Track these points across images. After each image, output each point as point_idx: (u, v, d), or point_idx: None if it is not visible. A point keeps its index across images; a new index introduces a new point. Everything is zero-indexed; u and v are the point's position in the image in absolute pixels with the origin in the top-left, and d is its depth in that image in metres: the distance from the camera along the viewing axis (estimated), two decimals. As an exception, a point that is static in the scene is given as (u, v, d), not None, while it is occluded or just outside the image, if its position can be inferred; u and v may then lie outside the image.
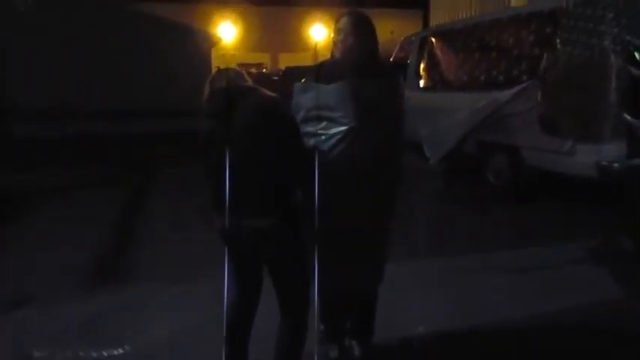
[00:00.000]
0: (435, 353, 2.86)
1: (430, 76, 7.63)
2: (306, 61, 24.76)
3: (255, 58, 29.45)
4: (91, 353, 2.86)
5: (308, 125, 2.29)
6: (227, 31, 30.11)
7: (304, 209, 2.24)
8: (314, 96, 2.29)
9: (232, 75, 2.24)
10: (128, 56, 9.60)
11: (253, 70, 22.93)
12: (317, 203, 2.18)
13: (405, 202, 2.57)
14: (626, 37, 4.51)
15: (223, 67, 2.35)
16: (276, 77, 18.29)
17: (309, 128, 2.29)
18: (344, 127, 2.21)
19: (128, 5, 12.54)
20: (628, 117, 4.53)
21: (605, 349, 2.84)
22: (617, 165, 4.65)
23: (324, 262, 2.26)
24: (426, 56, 7.71)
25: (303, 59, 26.11)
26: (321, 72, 2.36)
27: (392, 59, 8.98)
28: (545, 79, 5.17)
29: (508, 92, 5.46)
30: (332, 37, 2.42)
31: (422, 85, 7.80)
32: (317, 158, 2.21)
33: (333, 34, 2.41)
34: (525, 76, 5.54)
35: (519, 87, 5.40)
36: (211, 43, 15.68)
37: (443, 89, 7.17)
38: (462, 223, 5.33)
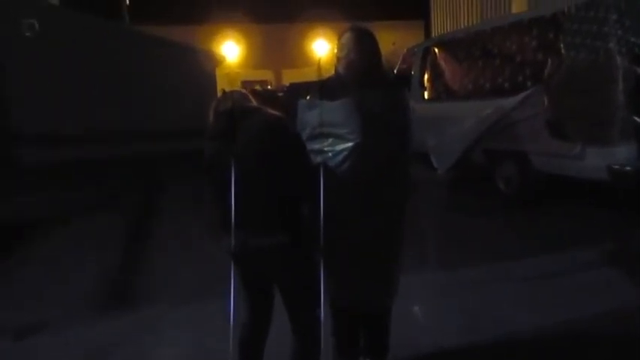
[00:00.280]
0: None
1: (434, 87, 7.60)
2: (310, 76, 24.86)
3: (258, 75, 29.69)
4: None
5: (314, 143, 2.28)
6: (230, 49, 30.45)
7: (312, 226, 2.22)
8: (319, 113, 2.29)
9: (237, 97, 2.28)
10: (133, 78, 9.70)
11: (257, 87, 23.05)
12: (322, 217, 2.17)
13: (414, 214, 2.54)
14: (631, 39, 4.49)
15: (228, 89, 2.37)
16: (280, 93, 18.35)
17: (316, 146, 2.28)
18: (350, 144, 2.20)
19: (133, 28, 12.71)
20: (637, 119, 4.50)
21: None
22: (629, 168, 4.59)
23: (333, 275, 2.25)
24: (429, 67, 7.70)
25: (306, 74, 26.23)
26: (325, 88, 2.35)
27: (395, 71, 9.00)
28: (551, 83, 5.15)
29: (514, 99, 5.44)
30: (335, 54, 2.41)
31: (426, 95, 7.78)
32: (322, 173, 2.20)
33: (336, 51, 2.40)
34: (530, 82, 5.51)
35: (525, 93, 5.37)
36: (215, 62, 15.82)
37: (448, 99, 7.15)
38: (473, 232, 5.27)
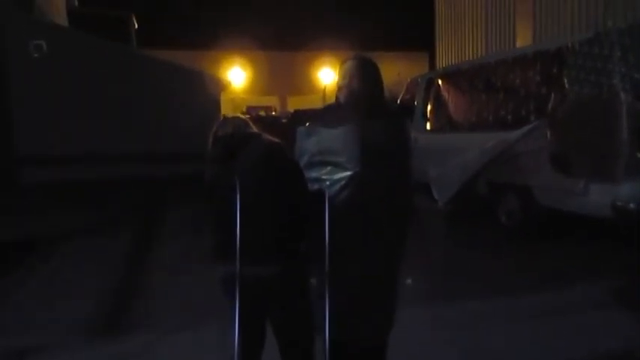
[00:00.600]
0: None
1: (437, 118, 7.62)
2: (315, 103, 25.01)
3: (264, 101, 29.85)
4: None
5: (312, 170, 2.24)
6: (237, 75, 30.78)
7: (310, 256, 2.16)
8: (318, 140, 2.25)
9: (237, 122, 2.27)
10: (137, 100, 9.75)
11: (262, 112, 23.17)
12: (327, 246, 2.10)
13: (413, 245, 2.48)
14: (635, 75, 4.49)
15: (230, 114, 2.36)
16: (284, 120, 18.45)
17: (314, 173, 2.23)
18: (349, 172, 2.15)
19: (140, 52, 12.84)
20: (641, 155, 4.46)
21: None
22: (633, 205, 4.54)
23: (330, 307, 2.17)
24: (432, 97, 7.73)
25: (312, 102, 26.39)
26: (325, 116, 2.33)
27: (399, 101, 9.03)
28: (554, 118, 5.13)
29: (516, 132, 5.43)
30: (337, 82, 2.39)
31: (429, 126, 7.80)
32: (327, 201, 2.14)
33: (337, 79, 2.38)
34: (533, 116, 5.51)
35: (528, 127, 5.36)
36: (221, 86, 15.94)
37: (450, 130, 7.16)
38: (472, 265, 5.19)
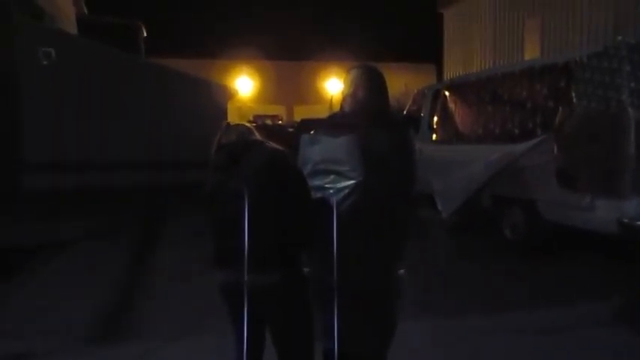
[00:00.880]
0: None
1: (443, 129, 7.60)
2: (322, 113, 24.93)
3: (271, 110, 29.93)
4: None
5: (315, 179, 2.23)
6: (244, 84, 30.94)
7: (312, 264, 2.15)
8: (322, 149, 2.24)
9: (241, 130, 2.26)
10: (148, 109, 9.79)
11: (269, 121, 23.24)
12: (336, 253, 2.08)
13: (417, 258, 2.46)
14: (643, 91, 4.47)
15: (233, 122, 2.35)
16: (290, 129, 18.48)
17: (317, 182, 2.22)
18: (352, 182, 2.14)
19: (149, 60, 12.89)
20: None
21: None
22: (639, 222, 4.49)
23: (328, 319, 2.14)
24: (439, 109, 7.71)
25: (318, 111, 26.44)
26: (329, 124, 2.32)
27: (405, 112, 9.03)
28: (561, 132, 5.10)
29: (523, 145, 5.39)
30: (342, 91, 2.39)
31: (435, 137, 7.78)
32: (335, 209, 2.12)
33: (342, 88, 2.38)
34: (540, 130, 5.47)
35: (535, 140, 5.32)
36: (229, 95, 15.99)
37: (456, 142, 7.13)
38: (475, 279, 5.14)
